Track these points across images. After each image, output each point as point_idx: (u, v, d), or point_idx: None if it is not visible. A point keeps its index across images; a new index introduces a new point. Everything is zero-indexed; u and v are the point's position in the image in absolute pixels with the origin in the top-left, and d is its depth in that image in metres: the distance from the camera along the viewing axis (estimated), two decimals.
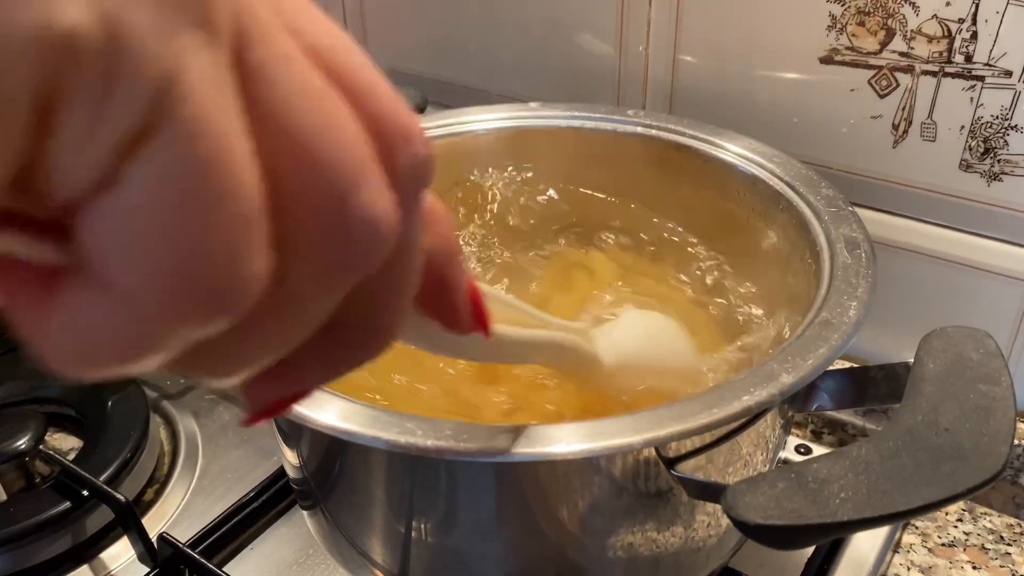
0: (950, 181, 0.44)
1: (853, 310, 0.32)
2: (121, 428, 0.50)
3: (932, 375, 0.29)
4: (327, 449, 0.34)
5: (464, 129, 0.47)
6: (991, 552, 0.46)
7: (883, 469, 0.25)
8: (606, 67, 0.52)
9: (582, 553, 0.33)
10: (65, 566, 0.46)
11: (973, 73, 0.42)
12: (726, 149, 0.43)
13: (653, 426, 0.27)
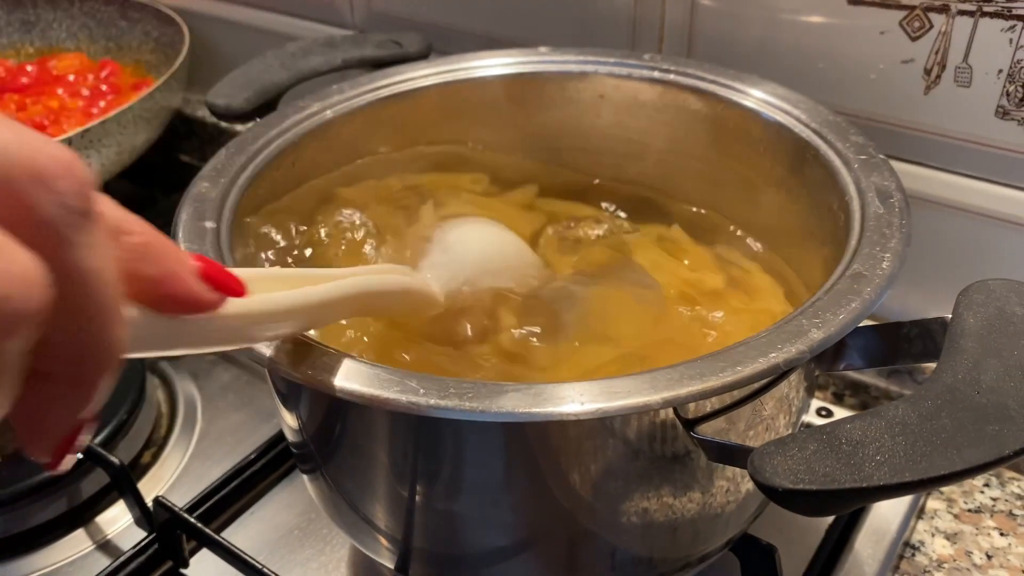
0: (986, 129, 0.42)
1: (887, 262, 0.30)
2: (117, 389, 0.49)
3: (972, 330, 0.27)
4: (327, 410, 0.32)
5: (472, 76, 0.44)
6: (1019, 518, 0.44)
7: (922, 430, 0.23)
8: (620, 10, 0.50)
9: (595, 519, 0.31)
10: (60, 530, 0.45)
11: (1014, 12, 0.39)
12: (748, 95, 0.40)
13: (672, 384, 0.25)
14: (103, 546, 0.44)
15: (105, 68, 0.74)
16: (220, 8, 0.70)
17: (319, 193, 0.42)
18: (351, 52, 0.46)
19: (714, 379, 0.25)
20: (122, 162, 0.61)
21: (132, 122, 0.59)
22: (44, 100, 0.70)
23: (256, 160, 0.38)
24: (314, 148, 0.41)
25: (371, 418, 0.30)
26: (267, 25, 0.68)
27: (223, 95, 0.42)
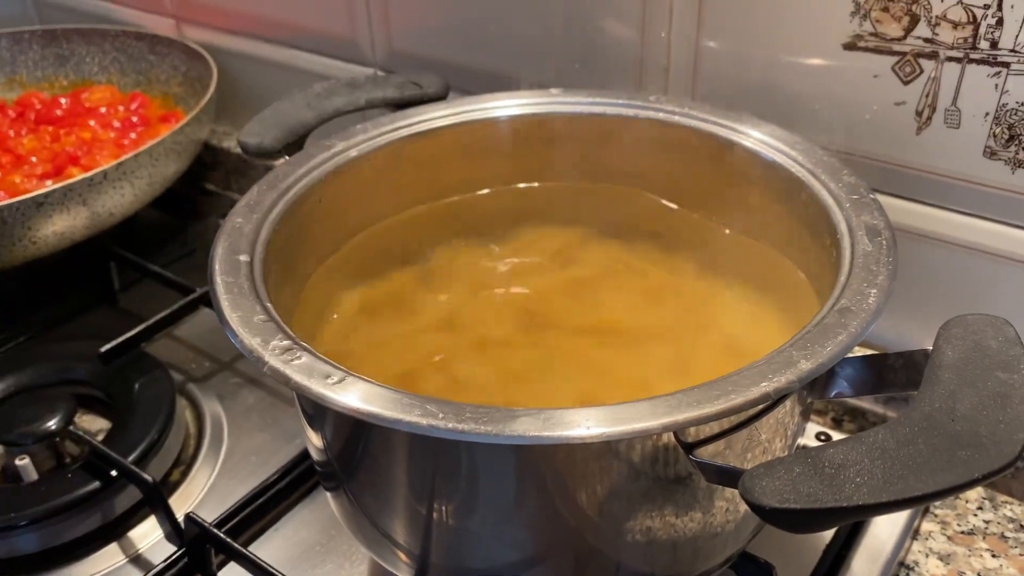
0: (974, 168, 0.44)
1: (873, 297, 0.32)
2: (148, 410, 0.51)
3: (950, 362, 0.29)
4: (351, 431, 0.34)
5: (487, 116, 0.47)
6: (1011, 540, 0.45)
7: (899, 455, 0.26)
8: (628, 53, 0.52)
9: (600, 537, 0.34)
10: (94, 544, 0.47)
11: (998, 59, 0.41)
12: (747, 135, 0.43)
13: (672, 411, 0.28)
14: (135, 560, 0.46)
15: (135, 100, 0.77)
16: (246, 44, 0.74)
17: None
18: (373, 93, 0.49)
19: (709, 407, 0.28)
20: (153, 192, 0.64)
21: (164, 154, 0.62)
22: (77, 131, 0.73)
23: (286, 196, 0.41)
24: (339, 185, 0.44)
25: (392, 439, 0.32)
26: (290, 61, 0.71)
27: (254, 134, 0.45)
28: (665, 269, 0.44)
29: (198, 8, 0.75)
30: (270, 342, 0.31)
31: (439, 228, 0.47)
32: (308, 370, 0.30)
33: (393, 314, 0.43)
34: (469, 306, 0.44)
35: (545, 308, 0.43)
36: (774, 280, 0.42)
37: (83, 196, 0.57)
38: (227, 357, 0.59)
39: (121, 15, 0.82)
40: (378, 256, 0.45)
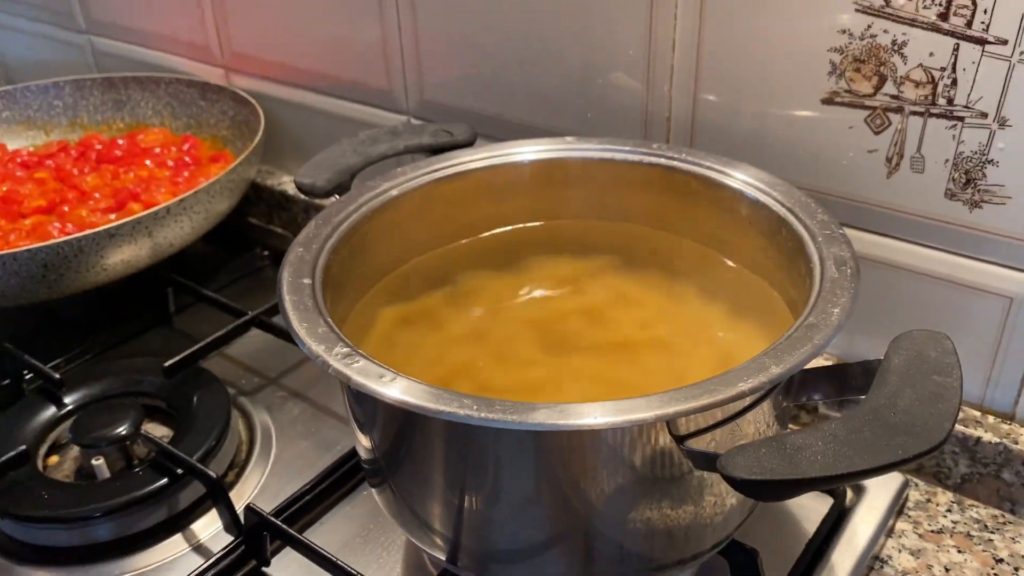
0: (936, 208, 0.50)
1: (835, 316, 0.38)
2: (206, 418, 0.58)
3: (896, 368, 0.35)
4: (396, 426, 0.40)
5: (510, 160, 0.54)
6: (975, 539, 0.51)
7: (848, 440, 0.32)
8: (635, 104, 0.59)
9: (606, 521, 0.39)
10: (161, 535, 0.53)
11: (954, 114, 0.48)
12: (737, 178, 0.49)
13: (664, 405, 0.34)
14: (196, 548, 0.52)
15: (187, 142, 0.84)
16: (289, 92, 0.81)
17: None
18: (411, 140, 0.56)
19: (694, 402, 0.34)
20: (208, 225, 0.71)
21: (218, 192, 0.69)
22: (135, 170, 0.81)
23: (338, 230, 0.47)
24: (382, 220, 0.51)
25: (432, 431, 0.38)
26: (330, 108, 0.78)
27: (308, 176, 0.52)
28: (665, 294, 0.51)
29: (246, 59, 0.82)
30: (333, 349, 0.38)
31: (467, 257, 0.54)
32: (365, 372, 0.36)
33: (426, 330, 0.49)
34: (493, 325, 0.50)
35: (559, 328, 0.49)
36: (758, 303, 0.48)
37: (149, 228, 0.64)
38: (273, 374, 0.66)
39: (174, 64, 0.90)
40: (414, 280, 0.52)
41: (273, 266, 0.80)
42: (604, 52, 0.59)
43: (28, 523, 0.52)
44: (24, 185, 0.79)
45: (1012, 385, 0.52)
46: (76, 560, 0.52)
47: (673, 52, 0.56)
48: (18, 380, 0.64)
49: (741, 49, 0.53)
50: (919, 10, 0.47)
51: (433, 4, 0.66)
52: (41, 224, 0.73)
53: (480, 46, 0.65)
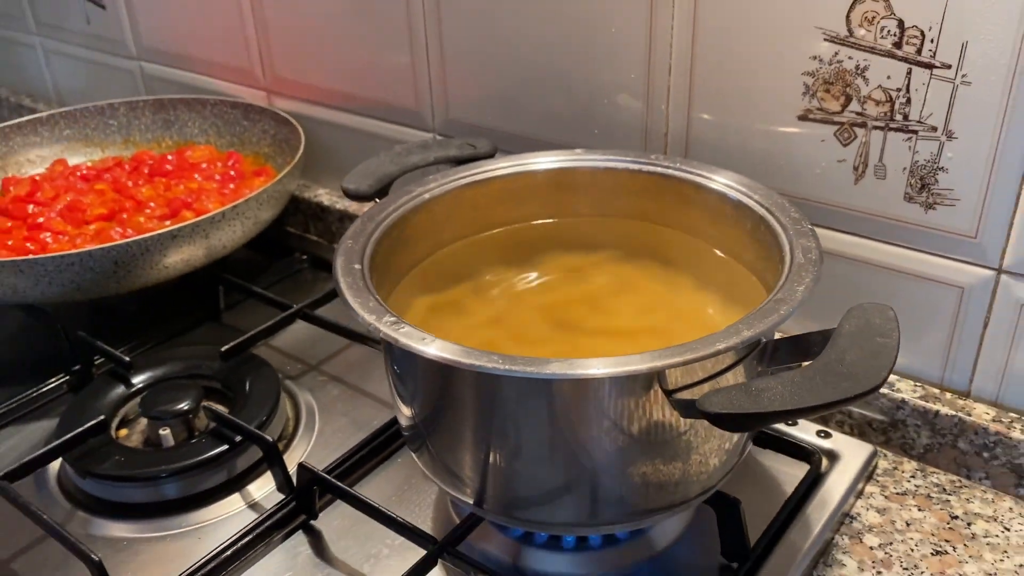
0: (897, 209, 0.58)
1: (800, 292, 0.46)
2: (259, 397, 0.66)
3: (846, 332, 0.42)
4: (433, 389, 0.48)
5: (526, 169, 0.62)
6: (935, 499, 0.58)
7: (802, 384, 0.39)
8: (636, 122, 0.67)
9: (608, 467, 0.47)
10: (220, 494, 0.61)
11: (909, 128, 0.56)
12: (722, 183, 0.57)
13: (655, 359, 0.41)
14: (252, 506, 0.60)
15: (231, 158, 0.93)
16: (325, 113, 0.90)
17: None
18: (440, 152, 0.64)
19: (679, 357, 0.41)
20: (255, 231, 0.79)
21: (265, 200, 0.77)
22: (185, 182, 0.89)
23: (380, 226, 0.55)
24: (416, 219, 0.58)
25: (463, 385, 0.46)
26: (362, 127, 0.87)
27: (354, 182, 0.60)
28: (660, 282, 0.58)
29: (287, 83, 0.91)
30: (382, 318, 0.45)
31: (488, 253, 0.62)
32: (409, 335, 0.44)
33: (453, 316, 0.57)
34: (510, 311, 0.58)
35: (568, 313, 0.57)
36: (741, 288, 0.55)
37: (206, 231, 0.72)
38: (314, 361, 0.73)
39: (219, 87, 0.99)
40: (443, 272, 0.60)
41: (311, 268, 0.89)
42: (608, 76, 0.67)
43: (107, 481, 0.60)
44: (86, 195, 0.87)
45: (966, 366, 0.60)
46: (147, 515, 0.59)
47: (669, 76, 0.64)
48: (88, 366, 0.72)
49: (728, 73, 0.61)
50: (877, 40, 0.54)
51: (458, 34, 0.74)
52: (103, 230, 0.81)
53: (499, 71, 0.73)
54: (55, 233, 0.81)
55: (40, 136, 0.96)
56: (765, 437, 0.62)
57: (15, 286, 0.68)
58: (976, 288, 0.57)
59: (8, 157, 0.94)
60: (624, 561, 0.54)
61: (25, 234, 0.82)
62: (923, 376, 0.62)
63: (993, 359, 0.58)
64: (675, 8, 0.62)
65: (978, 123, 0.53)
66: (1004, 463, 0.58)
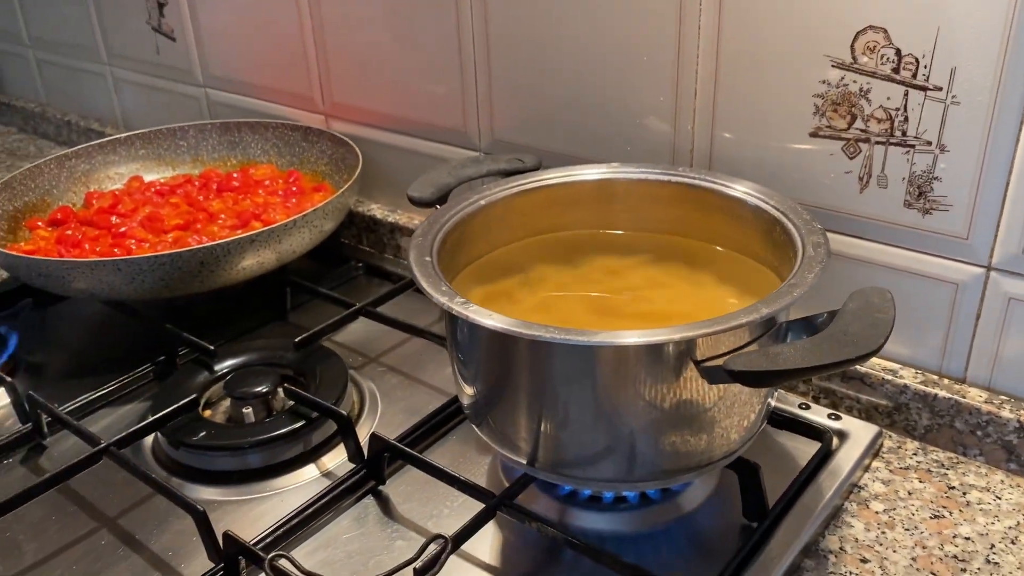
0: (898, 215, 0.66)
1: (809, 279, 0.53)
2: (329, 382, 0.74)
3: (850, 310, 0.50)
4: (495, 371, 0.56)
5: (570, 180, 0.70)
6: (934, 473, 0.65)
7: (811, 349, 0.47)
8: (664, 140, 0.76)
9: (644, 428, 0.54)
10: (298, 464, 0.68)
11: (907, 143, 0.63)
12: (741, 191, 0.65)
13: (684, 331, 0.49)
14: (326, 475, 0.68)
15: (292, 176, 1.02)
16: (378, 134, 0.98)
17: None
18: (492, 166, 0.72)
19: (705, 329, 0.49)
20: (318, 240, 0.87)
21: (330, 212, 0.86)
22: (251, 197, 0.98)
23: (443, 228, 0.63)
24: (472, 223, 0.67)
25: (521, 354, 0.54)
26: (412, 146, 0.96)
27: (417, 191, 0.68)
28: (687, 280, 0.66)
29: (344, 107, 1.00)
30: (453, 299, 0.53)
31: (535, 253, 0.70)
32: (477, 312, 0.52)
33: (505, 305, 0.65)
34: (556, 302, 0.65)
35: (608, 303, 0.65)
36: (758, 283, 0.63)
37: (279, 237, 0.81)
38: (374, 354, 0.82)
39: (280, 111, 1.08)
40: (495, 268, 0.68)
41: (365, 275, 0.97)
42: (640, 99, 0.76)
43: (198, 451, 0.68)
44: (163, 208, 0.97)
45: (962, 355, 0.67)
46: (232, 481, 0.67)
47: (695, 99, 0.73)
48: (173, 356, 0.81)
49: (747, 96, 0.70)
50: (878, 66, 0.63)
51: (504, 61, 0.83)
52: (181, 238, 0.90)
53: (541, 94, 0.82)
54: (138, 241, 0.90)
55: (118, 155, 1.06)
56: (781, 419, 0.69)
57: (112, 283, 0.77)
58: (969, 284, 0.65)
59: (91, 174, 1.04)
60: (656, 520, 0.61)
61: (111, 242, 0.91)
62: (923, 365, 0.69)
63: (985, 348, 0.66)
64: (700, 39, 0.70)
65: (967, 138, 0.61)
66: (995, 440, 0.65)
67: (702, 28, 0.70)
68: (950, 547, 0.58)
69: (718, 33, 0.69)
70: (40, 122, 1.47)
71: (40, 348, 0.87)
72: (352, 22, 0.94)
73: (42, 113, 1.46)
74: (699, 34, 0.70)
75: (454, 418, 0.72)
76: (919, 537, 0.59)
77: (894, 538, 0.59)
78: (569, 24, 0.77)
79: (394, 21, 0.90)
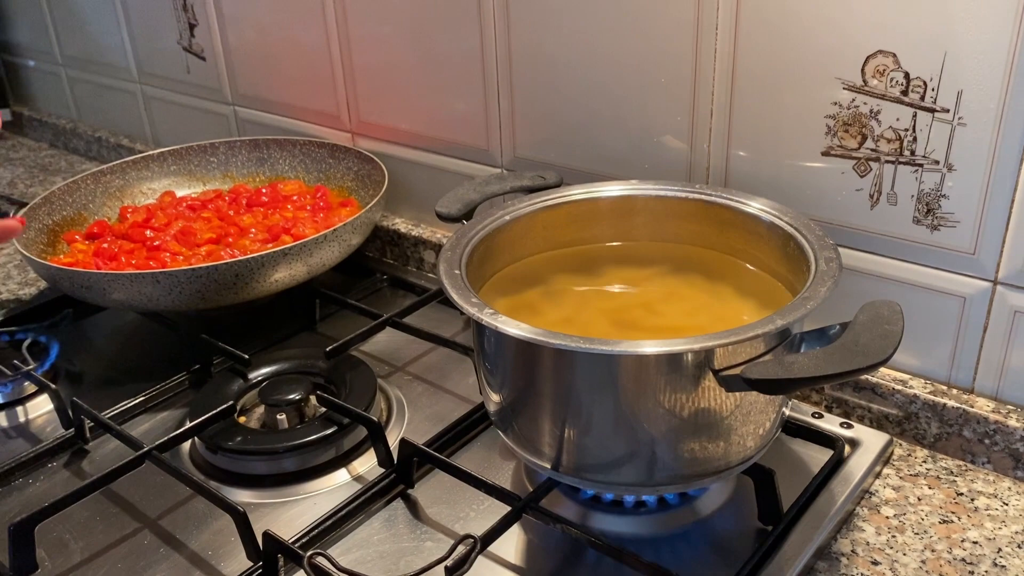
0: (907, 231, 0.68)
1: (822, 292, 0.56)
2: (359, 390, 0.77)
3: (861, 322, 0.53)
4: (521, 379, 0.59)
5: (590, 196, 0.73)
6: (943, 480, 0.67)
7: (824, 358, 0.49)
8: (681, 159, 0.79)
9: (664, 435, 0.57)
10: (330, 468, 0.71)
11: (916, 162, 0.66)
12: (756, 207, 0.68)
13: (702, 341, 0.52)
14: (357, 479, 0.71)
15: (319, 191, 1.05)
16: (403, 151, 1.02)
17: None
18: (515, 182, 0.76)
19: (722, 340, 0.52)
20: (345, 253, 0.91)
21: (357, 227, 0.89)
22: (280, 212, 1.02)
23: (471, 242, 0.66)
24: (497, 237, 0.70)
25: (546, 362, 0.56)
26: (436, 163, 0.99)
27: (445, 207, 0.71)
28: (704, 292, 0.69)
29: (370, 125, 1.04)
30: (483, 311, 0.56)
31: (557, 266, 0.73)
32: (505, 323, 0.55)
33: (528, 316, 0.68)
34: (577, 313, 0.68)
35: (626, 315, 0.68)
36: (773, 295, 0.66)
37: (310, 250, 0.84)
38: (400, 363, 0.85)
39: (307, 129, 1.12)
40: (519, 280, 0.71)
41: (390, 287, 1.00)
42: (657, 119, 0.79)
43: (234, 455, 0.71)
44: (195, 222, 1.00)
45: (970, 366, 0.69)
46: (267, 484, 0.70)
47: (711, 119, 0.76)
48: (207, 364, 0.84)
49: (762, 117, 0.72)
50: (887, 89, 0.65)
51: (526, 80, 0.86)
52: (213, 252, 0.94)
53: (561, 113, 0.85)
54: (172, 254, 0.94)
55: (151, 171, 1.10)
56: (795, 427, 0.71)
57: (150, 295, 0.80)
58: (976, 298, 0.67)
59: (125, 189, 1.08)
60: (675, 523, 0.64)
61: (146, 254, 0.94)
62: (932, 375, 0.71)
63: (992, 359, 0.68)
64: (716, 61, 0.73)
65: (973, 158, 0.63)
66: (1003, 449, 0.67)
67: (718, 51, 0.73)
68: (958, 551, 0.60)
69: (733, 56, 0.72)
70: (71, 138, 1.51)
71: (79, 356, 0.90)
72: (378, 43, 0.98)
73: (73, 129, 1.50)
74: (715, 56, 0.73)
75: (478, 425, 0.75)
76: (928, 541, 0.61)
77: (904, 542, 0.61)
78: (589, 46, 0.80)
79: (419, 42, 0.94)
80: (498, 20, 0.85)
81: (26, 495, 0.71)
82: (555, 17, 0.81)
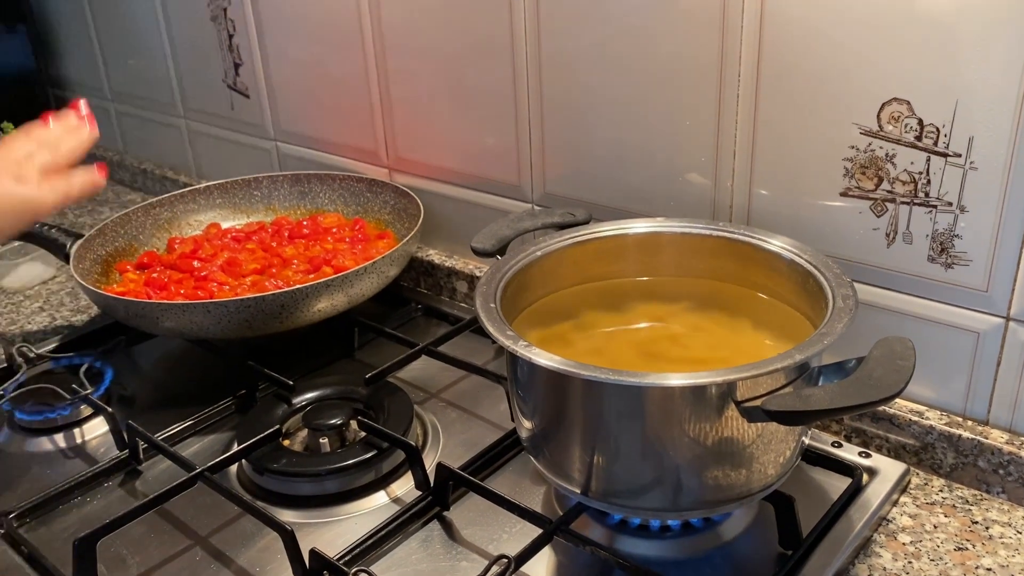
0: (922, 268, 0.71)
1: (839, 328, 0.59)
2: (396, 416, 0.80)
3: (874, 357, 0.56)
4: (553, 408, 0.62)
5: (618, 233, 0.77)
6: (959, 508, 0.70)
7: (840, 391, 0.53)
8: (705, 196, 0.82)
9: (689, 467, 0.60)
10: (369, 490, 0.75)
11: (930, 203, 0.69)
12: (777, 245, 0.71)
13: (725, 375, 0.55)
14: (395, 500, 0.74)
15: (357, 224, 1.10)
16: (437, 186, 1.06)
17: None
18: (546, 219, 0.80)
19: (744, 373, 0.55)
20: (383, 284, 0.95)
21: (395, 259, 0.94)
22: (321, 244, 1.06)
23: (505, 276, 0.70)
24: (529, 272, 0.74)
25: (577, 392, 0.60)
26: (468, 198, 1.03)
27: (480, 242, 0.75)
28: (726, 327, 0.72)
29: (407, 161, 1.08)
30: (518, 343, 0.60)
31: (587, 300, 0.76)
32: (539, 354, 0.59)
33: (560, 347, 0.71)
34: (606, 345, 0.72)
35: (653, 348, 0.71)
36: (793, 330, 0.69)
37: (351, 282, 0.89)
38: (435, 390, 0.89)
39: (346, 164, 1.17)
40: (550, 313, 0.75)
41: (424, 316, 1.05)
42: (682, 157, 0.82)
43: (281, 476, 0.75)
44: (240, 253, 1.05)
45: (984, 398, 0.72)
46: (311, 505, 0.74)
47: (734, 159, 0.79)
48: (253, 390, 0.88)
49: (783, 158, 0.76)
50: (902, 134, 0.69)
51: (557, 119, 0.90)
52: (258, 282, 0.99)
53: (590, 152, 0.89)
54: (219, 284, 0.98)
55: (197, 204, 1.15)
56: (815, 455, 0.74)
57: (200, 323, 0.85)
58: (989, 333, 0.70)
59: (173, 221, 1.13)
60: (699, 547, 0.67)
61: (194, 284, 0.99)
62: (948, 407, 0.74)
63: (1006, 392, 0.71)
64: (739, 105, 0.77)
65: (984, 200, 0.67)
66: (1016, 479, 0.69)
67: (740, 95, 0.76)
68: None
69: (755, 100, 0.76)
70: (117, 169, 1.58)
71: (131, 381, 0.95)
72: (415, 84, 1.02)
73: (120, 161, 1.57)
74: (738, 100, 0.77)
75: (510, 450, 0.78)
76: (943, 567, 0.64)
77: (920, 568, 0.64)
78: (617, 87, 0.84)
79: (454, 82, 0.98)
80: (530, 60, 0.90)
81: (84, 512, 0.76)
82: (585, 62, 0.85)
